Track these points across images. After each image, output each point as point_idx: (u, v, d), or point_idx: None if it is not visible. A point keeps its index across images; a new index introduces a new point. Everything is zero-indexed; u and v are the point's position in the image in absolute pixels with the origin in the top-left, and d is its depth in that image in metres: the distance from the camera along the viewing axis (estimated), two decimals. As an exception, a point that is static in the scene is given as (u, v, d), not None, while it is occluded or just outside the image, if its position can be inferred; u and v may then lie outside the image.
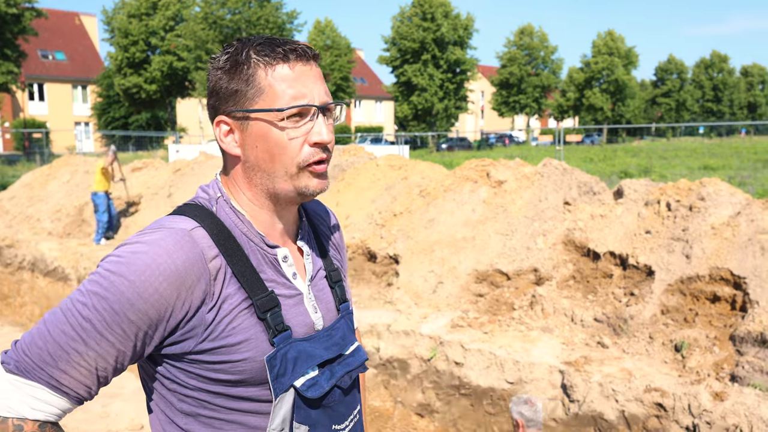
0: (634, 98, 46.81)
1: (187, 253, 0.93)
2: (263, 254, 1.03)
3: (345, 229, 7.08)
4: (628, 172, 14.81)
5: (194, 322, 0.94)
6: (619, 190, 5.93)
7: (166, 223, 0.97)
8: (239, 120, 1.00)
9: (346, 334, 1.13)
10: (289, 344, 1.00)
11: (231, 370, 0.97)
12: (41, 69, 41.22)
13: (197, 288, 0.93)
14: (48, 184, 11.82)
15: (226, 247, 0.98)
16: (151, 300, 0.90)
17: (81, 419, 4.94)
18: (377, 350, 5.17)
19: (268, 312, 0.99)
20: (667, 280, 4.80)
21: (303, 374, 1.01)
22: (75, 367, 0.89)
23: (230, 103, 1.00)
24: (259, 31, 29.62)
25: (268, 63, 0.98)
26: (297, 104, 0.98)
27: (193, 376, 0.97)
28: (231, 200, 1.04)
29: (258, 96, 0.98)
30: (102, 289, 0.89)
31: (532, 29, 46.01)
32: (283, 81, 0.98)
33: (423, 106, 37.15)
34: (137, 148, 34.17)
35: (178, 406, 1.00)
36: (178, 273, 0.91)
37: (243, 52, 0.99)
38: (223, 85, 1.00)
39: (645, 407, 3.90)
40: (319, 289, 1.11)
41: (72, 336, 0.88)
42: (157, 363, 0.99)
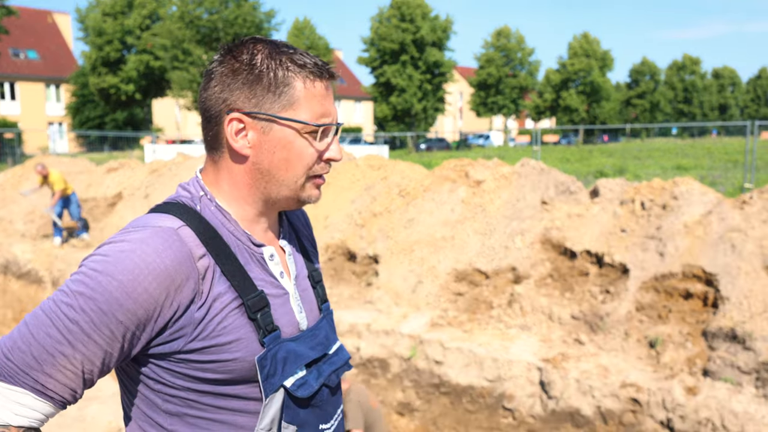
0: (609, 100, 47.50)
1: (175, 252, 0.91)
2: (250, 253, 1.02)
3: (325, 229, 7.07)
4: (603, 172, 15.03)
5: (183, 322, 0.93)
6: (595, 189, 6.03)
7: (150, 221, 0.95)
8: (261, 122, 0.99)
9: (329, 334, 1.13)
10: (279, 344, 1.00)
11: (220, 369, 0.96)
12: (12, 68, 40.35)
13: (186, 287, 0.92)
14: (21, 185, 11.58)
15: (213, 246, 0.97)
16: (140, 300, 0.88)
17: (56, 423, 4.86)
18: (357, 350, 5.18)
19: (259, 312, 0.98)
20: (642, 278, 4.89)
21: (292, 374, 1.01)
22: (61, 370, 0.87)
23: (252, 103, 0.98)
24: (237, 31, 29.39)
25: (306, 77, 0.99)
26: (325, 122, 1.01)
27: (180, 376, 0.96)
28: (215, 198, 1.03)
29: (289, 105, 0.98)
30: (88, 290, 0.87)
31: (509, 31, 46.41)
32: (316, 97, 1.00)
33: (402, 106, 37.23)
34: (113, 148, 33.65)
35: (162, 406, 0.98)
36: (168, 272, 0.90)
37: (277, 57, 0.98)
38: (246, 83, 0.98)
39: (621, 402, 3.98)
40: (303, 289, 1.11)
41: (58, 339, 0.86)
42: (141, 363, 0.97)
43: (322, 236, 6.93)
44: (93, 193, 10.75)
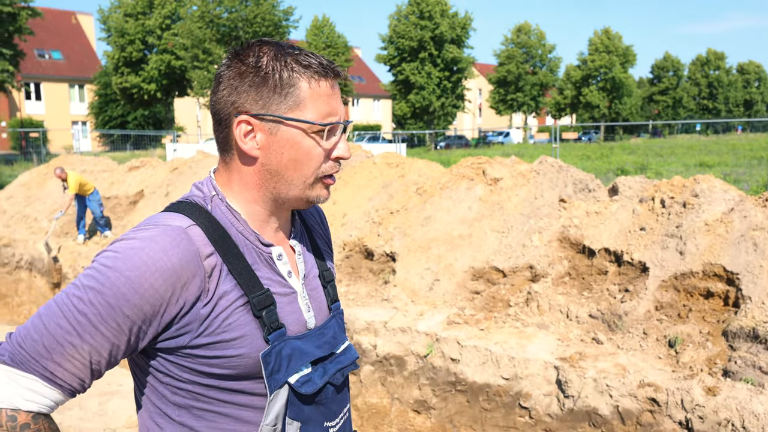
0: (631, 96, 46.88)
1: (182, 251, 0.94)
2: (258, 252, 1.04)
3: (342, 227, 7.10)
4: (624, 170, 14.85)
5: (189, 318, 0.95)
6: (614, 187, 5.97)
7: (161, 220, 0.98)
8: (267, 123, 1.00)
9: (337, 333, 1.15)
10: (284, 342, 1.02)
11: (225, 365, 0.98)
12: (38, 68, 41.13)
13: (192, 285, 0.94)
14: (45, 183, 11.82)
15: (221, 245, 0.99)
16: (146, 295, 0.91)
17: (78, 417, 4.97)
18: (374, 347, 5.20)
19: (264, 310, 1.00)
20: (661, 277, 4.83)
21: (297, 371, 1.03)
22: (69, 359, 0.90)
23: (259, 105, 1.00)
24: (256, 29, 29.58)
25: (311, 77, 1.00)
26: (332, 121, 1.02)
27: (187, 370, 0.99)
28: (226, 199, 1.05)
29: (295, 105, 1.00)
30: (98, 284, 0.90)
31: (530, 27, 46.04)
32: (321, 96, 1.01)
33: (421, 104, 37.18)
34: (135, 147, 34.13)
35: (171, 398, 1.01)
36: (174, 270, 0.92)
37: (282, 58, 1.00)
38: (252, 86, 1.00)
39: (639, 402, 3.94)
40: (312, 288, 1.13)
41: (67, 329, 0.90)
42: (151, 357, 1.00)
43: (340, 234, 6.96)
44: (115, 192, 10.93)
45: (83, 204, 9.27)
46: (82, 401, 5.22)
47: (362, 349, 5.28)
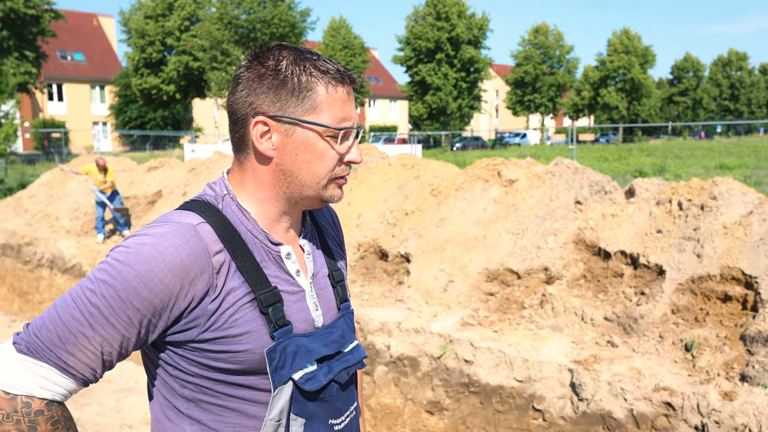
0: (650, 97, 46.35)
1: (191, 247, 0.96)
2: (267, 251, 1.07)
3: (357, 227, 7.13)
4: (642, 171, 14.70)
5: (197, 313, 0.98)
6: (630, 189, 5.92)
7: (172, 217, 1.01)
8: (285, 125, 1.03)
9: (346, 333, 1.16)
10: (289, 339, 1.04)
11: (231, 359, 1.01)
12: (60, 70, 41.81)
13: (200, 280, 0.97)
14: (66, 183, 12.02)
15: (230, 242, 1.01)
16: (156, 290, 0.94)
17: (96, 413, 5.05)
18: (388, 348, 5.22)
19: (270, 307, 1.02)
20: (678, 280, 4.79)
21: (301, 368, 1.05)
22: (82, 350, 0.93)
23: (276, 107, 1.02)
24: (273, 30, 29.78)
25: (329, 82, 1.03)
26: (346, 126, 1.05)
27: (195, 364, 1.01)
28: (237, 198, 1.07)
29: (312, 109, 1.02)
30: (110, 278, 0.94)
31: (547, 28, 45.74)
32: (337, 102, 1.04)
33: (437, 105, 37.12)
34: (154, 147, 34.55)
35: (179, 391, 1.04)
36: (183, 265, 0.95)
37: (301, 62, 1.03)
38: (271, 88, 1.02)
39: (654, 406, 3.91)
40: (321, 288, 1.14)
41: (80, 321, 0.93)
42: (161, 350, 1.03)
43: (355, 235, 6.99)
44: (134, 191, 11.08)
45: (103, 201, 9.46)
46: (100, 398, 5.31)
47: (376, 349, 5.30)
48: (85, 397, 5.34)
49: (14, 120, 17.02)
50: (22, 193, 12.58)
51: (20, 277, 9.64)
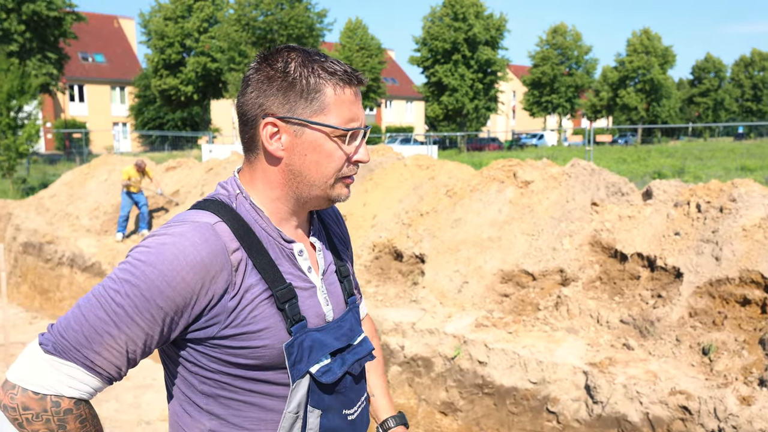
0: (670, 98, 45.77)
1: (211, 246, 0.99)
2: (281, 248, 1.09)
3: (372, 228, 7.15)
4: (661, 173, 14.52)
5: (217, 310, 1.00)
6: (648, 191, 5.86)
7: (189, 217, 1.03)
8: (293, 126, 1.05)
9: (354, 326, 1.19)
10: (305, 334, 1.07)
11: (251, 355, 1.03)
12: (81, 71, 42.45)
13: (220, 278, 0.99)
14: (87, 182, 12.21)
15: (246, 241, 1.04)
16: (179, 288, 0.96)
17: (114, 409, 5.12)
18: (402, 348, 5.23)
19: (287, 303, 1.05)
20: (696, 283, 4.73)
21: (317, 361, 1.08)
22: (108, 349, 0.96)
23: (285, 108, 1.04)
24: (290, 32, 29.94)
25: (336, 83, 1.05)
26: (354, 127, 1.07)
27: (215, 360, 1.04)
28: (250, 197, 1.10)
29: (320, 110, 1.04)
30: (133, 278, 0.96)
31: (566, 28, 45.41)
32: (345, 103, 1.06)
33: (453, 106, 37.02)
34: (172, 147, 34.93)
35: (199, 387, 1.07)
36: (203, 264, 0.97)
37: (310, 64, 1.05)
38: (280, 90, 1.04)
39: (670, 410, 3.87)
40: (330, 283, 1.17)
41: (105, 320, 0.95)
42: (181, 347, 1.05)
43: (370, 235, 7.01)
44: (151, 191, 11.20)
45: (130, 202, 9.59)
46: (118, 394, 5.39)
47: (390, 349, 5.31)
48: (104, 394, 5.43)
49: (36, 120, 17.31)
50: (43, 193, 12.80)
51: (41, 275, 9.81)
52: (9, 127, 16.19)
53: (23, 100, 16.50)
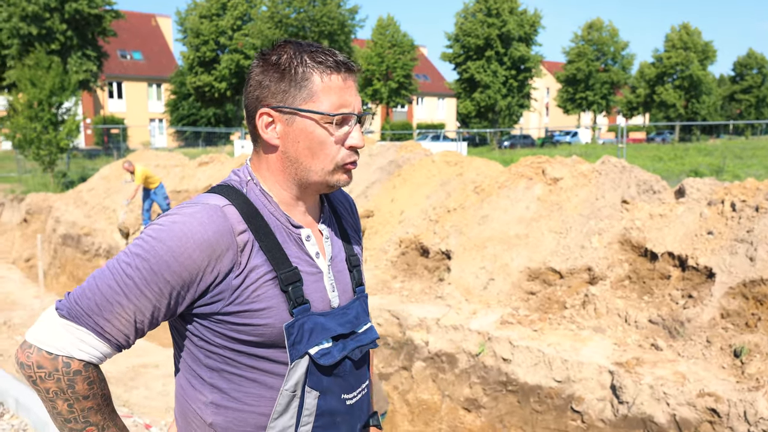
0: (710, 94, 44.47)
1: (218, 226, 1.04)
2: (288, 232, 1.13)
3: (399, 224, 7.16)
4: (698, 172, 14.14)
5: (222, 287, 1.05)
6: (680, 189, 5.73)
7: (201, 199, 1.09)
8: (284, 114, 1.11)
9: (360, 314, 1.22)
10: (307, 316, 1.11)
11: (253, 332, 1.08)
12: (120, 68, 43.49)
13: (225, 257, 1.04)
14: (123, 176, 12.52)
15: (254, 224, 1.08)
16: (186, 264, 1.02)
17: (143, 396, 5.27)
18: (426, 344, 5.24)
19: (290, 285, 1.09)
20: (729, 283, 4.61)
21: (317, 344, 1.12)
22: (117, 317, 1.02)
23: (278, 98, 1.10)
24: (322, 28, 30.11)
25: (323, 71, 1.10)
26: (343, 112, 1.10)
27: (219, 335, 1.09)
28: (260, 183, 1.15)
29: (309, 98, 1.09)
30: (144, 252, 1.02)
31: (602, 24, 44.50)
32: (333, 89, 1.10)
33: (486, 103, 36.70)
34: (206, 143, 35.54)
35: (204, 361, 1.12)
36: (210, 242, 1.03)
37: (299, 55, 1.10)
38: (272, 81, 1.10)
39: (698, 412, 3.79)
40: (338, 270, 1.21)
41: (116, 290, 1.01)
42: (188, 322, 1.11)
43: (397, 231, 7.03)
44: (186, 186, 11.44)
45: (149, 197, 9.83)
46: (147, 382, 5.54)
47: (414, 344, 5.33)
48: (134, 381, 5.58)
49: (76, 116, 17.82)
50: (82, 186, 13.19)
51: (79, 266, 10.12)
52: (50, 122, 16.72)
53: (64, 97, 17.01)
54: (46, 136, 16.64)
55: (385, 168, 8.54)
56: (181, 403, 1.18)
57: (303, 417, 1.12)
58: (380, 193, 8.03)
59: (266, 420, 1.12)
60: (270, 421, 1.11)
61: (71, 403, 1.02)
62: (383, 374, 5.44)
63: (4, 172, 20.88)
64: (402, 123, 48.44)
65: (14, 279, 10.77)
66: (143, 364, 6.06)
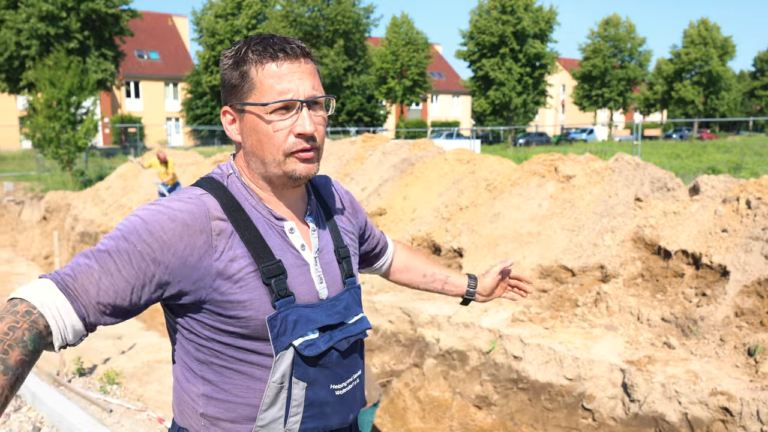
0: (729, 90, 43.83)
1: (192, 209, 1.07)
2: (271, 225, 1.15)
3: (411, 222, 7.17)
4: (716, 169, 13.96)
5: (202, 273, 1.06)
6: (695, 186, 5.67)
7: (183, 190, 1.14)
8: (238, 111, 1.14)
9: (351, 305, 1.23)
10: (291, 308, 1.12)
11: (237, 324, 1.10)
12: (137, 68, 43.95)
13: (199, 239, 1.06)
14: (140, 175, 12.67)
15: (234, 216, 1.10)
16: (157, 236, 1.03)
17: (156, 390, 5.34)
18: (437, 341, 5.25)
19: (273, 278, 1.10)
20: (743, 281, 4.56)
21: (302, 335, 1.13)
22: (91, 283, 1.00)
23: (232, 95, 1.14)
24: (337, 28, 30.16)
25: (258, 61, 1.11)
26: (281, 99, 1.10)
27: (207, 327, 1.11)
28: (242, 177, 1.17)
29: (251, 90, 1.11)
30: (122, 226, 1.06)
31: (619, 20, 44.05)
32: (270, 77, 1.10)
33: (500, 100, 36.52)
34: (222, 141, 35.78)
35: (194, 354, 1.15)
36: (184, 221, 1.05)
37: (242, 50, 1.12)
38: (227, 79, 1.14)
39: (710, 411, 3.76)
40: (326, 262, 1.22)
41: (88, 255, 1.04)
42: (179, 315, 1.14)
43: (409, 228, 7.04)
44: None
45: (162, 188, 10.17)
46: (161, 377, 5.61)
47: (426, 342, 5.34)
48: (148, 376, 5.66)
49: (95, 116, 18.05)
50: (100, 185, 13.36)
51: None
52: (69, 122, 16.95)
53: (82, 97, 17.23)
54: (64, 136, 16.88)
55: (397, 166, 8.56)
56: (177, 394, 1.21)
57: (292, 408, 1.13)
58: (393, 191, 8.05)
59: (256, 411, 1.13)
60: (259, 413, 1.13)
61: None
62: (395, 371, 5.46)
63: (24, 171, 21.23)
64: (416, 121, 48.38)
65: (33, 276, 10.96)
66: (157, 359, 6.14)
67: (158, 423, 4.29)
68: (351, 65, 32.09)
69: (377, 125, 36.57)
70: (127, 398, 5.05)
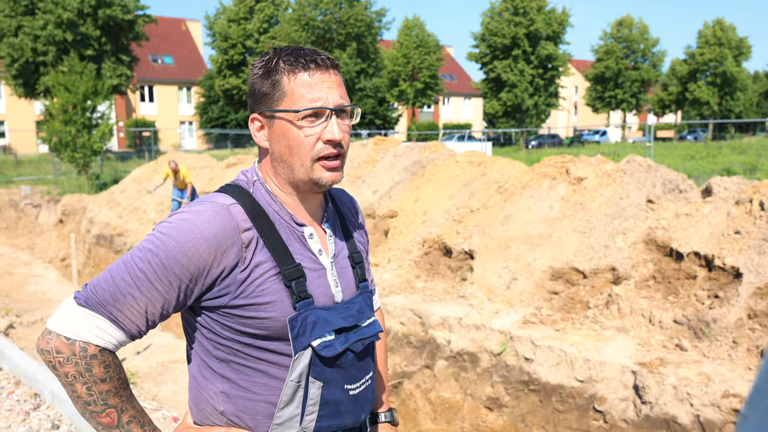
0: (745, 91, 43.37)
1: (223, 223, 1.11)
2: (292, 230, 1.20)
3: (423, 224, 7.21)
4: (731, 170, 13.82)
5: (228, 281, 1.12)
6: (707, 188, 5.65)
7: (209, 198, 1.17)
8: (267, 118, 1.19)
9: (363, 309, 1.28)
10: (310, 310, 1.17)
11: (258, 325, 1.14)
12: (151, 72, 44.40)
13: (230, 252, 1.11)
14: (154, 178, 12.82)
15: (259, 222, 1.15)
16: (193, 258, 1.09)
17: (171, 390, 5.41)
18: (448, 342, 5.27)
19: (294, 281, 1.15)
20: (756, 283, 4.54)
21: (320, 336, 1.18)
22: (129, 308, 1.09)
23: (261, 103, 1.19)
24: (349, 31, 30.28)
25: (290, 71, 1.16)
26: (312, 106, 1.15)
27: (227, 328, 1.16)
28: (266, 183, 1.22)
29: (282, 98, 1.16)
30: (155, 247, 1.09)
31: (632, 20, 43.77)
32: (302, 86, 1.16)
33: (512, 102, 36.41)
34: (234, 145, 36.04)
35: (213, 353, 1.19)
36: (215, 238, 1.10)
37: (273, 60, 1.18)
38: (257, 87, 1.19)
39: (722, 413, 3.75)
40: (341, 267, 1.27)
41: (129, 283, 1.09)
42: (198, 315, 1.18)
43: (420, 231, 7.07)
44: (214, 187, 11.67)
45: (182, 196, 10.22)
46: (176, 377, 5.69)
47: (437, 343, 5.36)
48: (163, 376, 5.74)
49: (109, 120, 18.29)
50: (115, 188, 13.53)
51: (111, 265, 10.39)
52: (84, 126, 17.18)
53: (97, 101, 17.47)
54: (80, 140, 17.11)
55: (409, 168, 8.59)
56: (194, 392, 1.25)
57: (308, 406, 1.18)
58: (404, 194, 8.08)
59: (273, 409, 1.17)
60: (277, 411, 1.17)
61: (89, 386, 1.08)
62: (406, 372, 5.49)
63: (41, 174, 21.55)
64: (428, 123, 48.39)
65: (50, 278, 11.13)
66: (172, 360, 6.22)
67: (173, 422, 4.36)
68: (363, 68, 32.21)
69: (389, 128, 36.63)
70: (143, 398, 5.13)
